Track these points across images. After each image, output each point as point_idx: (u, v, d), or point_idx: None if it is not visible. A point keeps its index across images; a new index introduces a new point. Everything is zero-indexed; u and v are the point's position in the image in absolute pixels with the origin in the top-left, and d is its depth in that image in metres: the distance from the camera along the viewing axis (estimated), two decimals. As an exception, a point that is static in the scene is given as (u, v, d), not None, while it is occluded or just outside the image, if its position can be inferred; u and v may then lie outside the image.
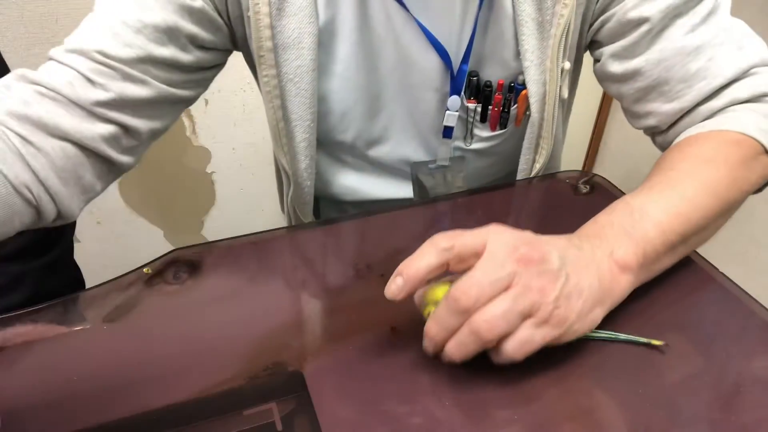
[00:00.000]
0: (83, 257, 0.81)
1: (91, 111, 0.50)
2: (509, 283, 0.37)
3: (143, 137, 0.55)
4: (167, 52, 0.53)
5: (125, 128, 0.53)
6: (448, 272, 0.40)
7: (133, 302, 0.48)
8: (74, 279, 0.78)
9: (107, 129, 0.51)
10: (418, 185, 0.71)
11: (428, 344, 0.40)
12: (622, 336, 0.43)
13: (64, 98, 0.49)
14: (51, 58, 0.51)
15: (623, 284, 0.43)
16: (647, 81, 0.57)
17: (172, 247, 0.53)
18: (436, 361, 0.40)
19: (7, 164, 0.45)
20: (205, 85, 0.61)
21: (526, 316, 0.38)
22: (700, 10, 0.54)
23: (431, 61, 0.61)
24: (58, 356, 0.44)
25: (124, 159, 0.54)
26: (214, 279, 0.51)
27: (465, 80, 0.62)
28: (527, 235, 0.40)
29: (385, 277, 0.39)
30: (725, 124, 0.53)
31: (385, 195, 0.74)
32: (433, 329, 0.39)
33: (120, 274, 0.51)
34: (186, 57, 0.55)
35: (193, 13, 0.54)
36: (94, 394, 0.40)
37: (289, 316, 0.47)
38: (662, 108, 0.57)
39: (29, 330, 0.46)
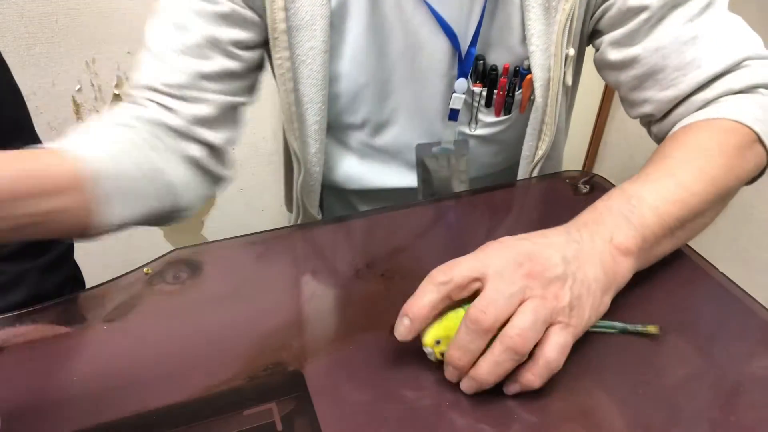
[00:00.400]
0: (83, 257, 0.81)
1: (178, 133, 0.55)
2: (523, 297, 0.38)
3: (224, 148, 0.60)
4: (215, 65, 0.56)
5: (209, 145, 0.58)
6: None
7: (133, 302, 0.48)
8: (74, 279, 0.78)
9: (196, 148, 0.57)
10: (422, 168, 0.72)
11: (452, 372, 0.40)
12: (619, 325, 0.44)
13: (158, 125, 0.54)
14: (128, 98, 0.56)
15: (625, 268, 0.43)
16: (644, 68, 0.58)
17: (172, 247, 0.53)
18: (435, 361, 0.40)
19: (142, 153, 0.51)
20: (258, 87, 0.64)
21: (548, 324, 0.38)
22: (698, 2, 0.55)
23: (440, 44, 0.62)
24: (58, 356, 0.44)
25: (220, 171, 0.60)
26: (214, 279, 0.51)
27: (472, 64, 0.63)
28: (525, 247, 0.40)
29: (385, 276, 0.39)
30: (720, 111, 0.53)
31: (388, 184, 0.75)
32: (455, 355, 0.38)
33: (120, 274, 0.51)
34: (234, 64, 0.57)
35: (226, 18, 0.56)
36: (94, 394, 0.40)
37: (289, 316, 0.47)
38: (658, 95, 0.58)
39: (29, 330, 0.46)
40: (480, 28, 0.61)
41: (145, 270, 0.51)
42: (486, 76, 0.65)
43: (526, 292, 0.38)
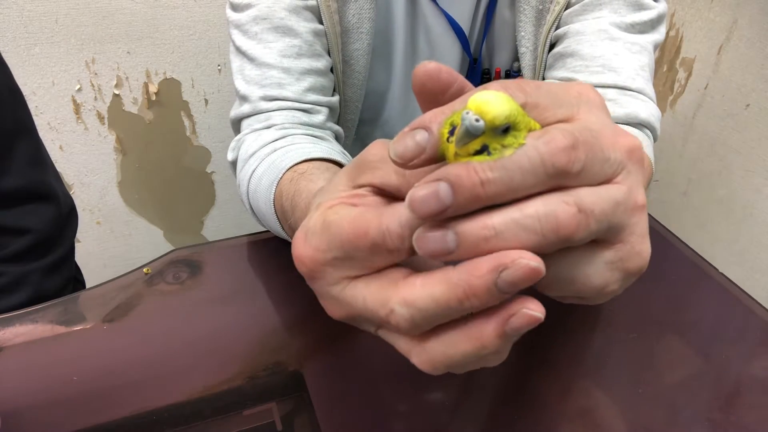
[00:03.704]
0: (83, 257, 0.81)
1: (321, 128, 0.56)
2: None
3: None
4: (321, 63, 0.57)
5: (337, 133, 0.60)
6: None
7: (133, 302, 0.48)
8: (75, 280, 0.78)
9: (330, 133, 0.58)
10: None
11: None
12: None
13: (306, 125, 0.55)
14: (258, 111, 0.55)
15: None
16: (561, 47, 0.57)
17: (172, 247, 0.53)
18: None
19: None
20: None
21: None
22: (639, 17, 0.54)
23: (455, 52, 0.63)
24: (58, 356, 0.44)
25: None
26: (214, 279, 0.51)
27: (481, 72, 0.64)
28: None
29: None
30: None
31: None
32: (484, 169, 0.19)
33: (120, 274, 0.51)
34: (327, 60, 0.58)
35: (315, 12, 0.56)
36: (94, 394, 0.40)
37: (289, 316, 0.47)
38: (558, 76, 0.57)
39: (29, 330, 0.46)
40: (485, 37, 0.62)
41: (145, 270, 0.51)
42: (480, 81, 0.65)
43: None
